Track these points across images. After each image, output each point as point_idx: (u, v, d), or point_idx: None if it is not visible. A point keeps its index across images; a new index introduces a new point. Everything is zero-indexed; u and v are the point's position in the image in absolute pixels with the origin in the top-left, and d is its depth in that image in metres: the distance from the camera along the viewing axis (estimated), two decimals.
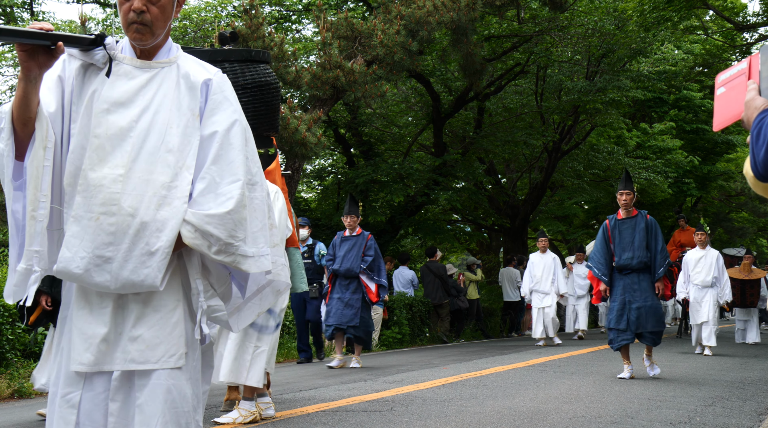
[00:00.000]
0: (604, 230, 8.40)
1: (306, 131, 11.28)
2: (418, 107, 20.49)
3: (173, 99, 2.25)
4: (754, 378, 8.49)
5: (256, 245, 2.25)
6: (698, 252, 11.80)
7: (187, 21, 16.21)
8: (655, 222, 8.34)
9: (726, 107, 1.97)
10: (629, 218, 8.30)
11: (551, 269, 13.70)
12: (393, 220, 18.42)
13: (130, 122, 2.19)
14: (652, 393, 6.99)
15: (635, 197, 8.37)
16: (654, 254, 8.17)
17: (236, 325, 2.44)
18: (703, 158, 25.13)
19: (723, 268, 11.76)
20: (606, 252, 8.28)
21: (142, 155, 2.18)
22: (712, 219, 32.00)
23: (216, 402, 6.42)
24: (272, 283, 2.41)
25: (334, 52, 12.35)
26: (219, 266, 2.28)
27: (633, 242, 8.16)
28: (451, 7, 13.08)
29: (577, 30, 17.87)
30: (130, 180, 2.15)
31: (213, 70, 2.35)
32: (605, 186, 22.36)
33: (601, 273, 8.26)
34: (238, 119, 2.29)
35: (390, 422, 5.32)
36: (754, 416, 5.77)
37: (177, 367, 2.19)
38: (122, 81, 2.22)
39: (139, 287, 2.14)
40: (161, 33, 2.27)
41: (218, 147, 2.23)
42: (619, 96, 19.13)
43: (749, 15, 19.39)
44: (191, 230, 2.16)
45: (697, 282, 11.60)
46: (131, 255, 2.12)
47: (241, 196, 2.20)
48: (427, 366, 9.70)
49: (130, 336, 2.17)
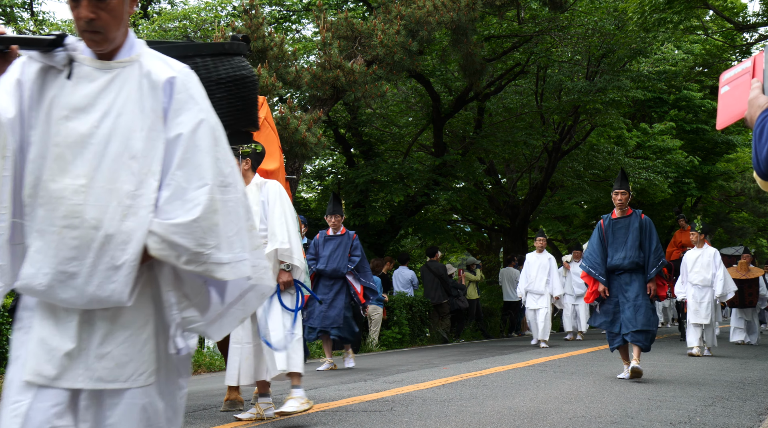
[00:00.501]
0: (599, 230, 8.31)
1: (306, 131, 11.28)
2: (418, 107, 20.49)
3: (136, 101, 2.12)
4: (754, 378, 8.49)
5: (232, 251, 2.12)
6: (695, 252, 11.64)
7: (187, 21, 16.20)
8: (650, 222, 8.22)
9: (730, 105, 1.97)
10: (623, 217, 8.20)
11: (546, 269, 13.56)
12: (393, 220, 18.42)
13: (90, 128, 2.07)
14: (652, 393, 6.99)
15: (630, 197, 8.27)
16: (647, 255, 8.06)
17: (217, 333, 2.30)
18: (703, 158, 25.14)
19: (721, 264, 11.56)
20: (601, 252, 8.18)
21: (104, 162, 2.06)
22: (712, 219, 32.01)
23: (216, 402, 6.42)
24: (255, 287, 2.26)
25: (334, 52, 12.34)
26: (192, 276, 2.16)
27: (626, 242, 8.06)
28: (451, 7, 13.08)
29: (577, 30, 17.86)
30: (92, 190, 2.04)
31: (178, 66, 2.22)
32: (605, 186, 22.35)
33: (599, 273, 8.15)
34: (205, 118, 2.16)
35: (390, 422, 5.32)
36: (754, 416, 5.77)
37: (147, 385, 2.10)
38: (82, 84, 2.11)
39: (106, 302, 2.04)
40: (117, 35, 2.14)
41: (184, 150, 2.10)
42: (619, 96, 19.13)
43: (749, 15, 19.37)
44: (157, 241, 2.04)
45: (696, 282, 11.43)
46: (96, 270, 2.02)
47: (210, 201, 2.08)
48: (427, 366, 9.70)
49: (98, 353, 2.07)
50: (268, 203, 5.49)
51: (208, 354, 10.15)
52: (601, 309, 8.21)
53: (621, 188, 8.19)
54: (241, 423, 5.35)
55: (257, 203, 5.47)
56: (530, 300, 13.64)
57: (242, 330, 5.42)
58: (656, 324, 8.11)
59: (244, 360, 5.40)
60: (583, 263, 8.42)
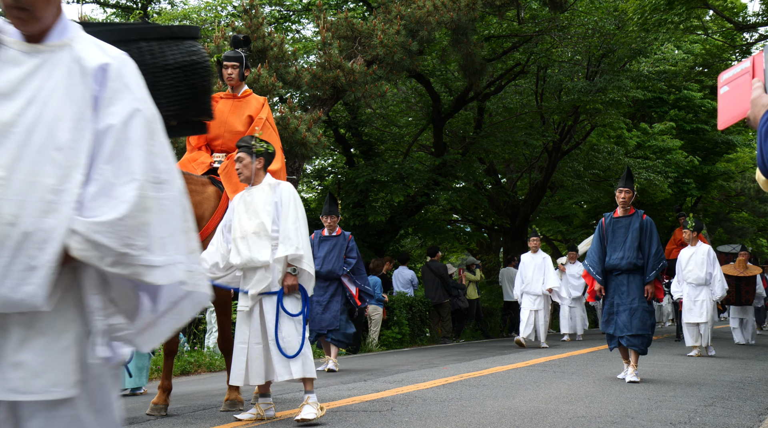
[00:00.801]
0: (600, 228, 8.20)
1: (306, 131, 11.28)
2: (418, 107, 20.49)
3: (64, 88, 1.95)
4: (754, 378, 8.49)
5: (165, 253, 1.95)
6: (689, 250, 11.42)
7: (187, 21, 16.21)
8: (651, 223, 8.06)
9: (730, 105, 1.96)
10: (625, 217, 8.07)
11: (542, 269, 13.36)
12: (393, 220, 18.43)
13: (13, 116, 1.91)
14: (652, 393, 6.99)
15: (634, 196, 8.15)
16: (647, 256, 7.90)
17: (147, 344, 2.11)
18: (703, 158, 25.15)
19: (715, 261, 11.36)
20: (601, 251, 8.07)
21: (26, 153, 1.89)
22: (712, 219, 32.01)
23: (216, 402, 6.42)
24: (191, 294, 2.06)
25: (334, 52, 12.35)
26: (121, 280, 1.96)
27: (625, 242, 7.92)
28: (451, 7, 13.08)
29: (577, 30, 17.87)
30: (11, 183, 1.86)
31: (114, 53, 2.05)
32: (605, 186, 22.38)
33: (596, 272, 8.06)
34: (139, 108, 1.99)
35: (390, 422, 5.32)
36: (754, 416, 5.77)
37: (67, 397, 1.90)
38: (7, 69, 1.94)
39: (21, 306, 1.85)
40: (46, 15, 1.96)
41: (114, 143, 1.94)
42: (619, 96, 19.13)
43: (749, 15, 19.39)
44: (79, 240, 1.86)
45: (690, 280, 11.22)
46: (10, 271, 1.83)
47: (139, 198, 1.91)
48: (427, 366, 9.70)
49: (12, 361, 1.88)
50: (281, 204, 5.42)
51: (208, 354, 10.14)
52: (603, 311, 8.18)
53: (625, 186, 8.08)
54: (241, 423, 5.35)
55: (270, 204, 5.41)
56: (527, 301, 13.37)
57: (249, 330, 5.35)
58: (652, 327, 7.99)
59: (253, 360, 5.32)
60: (586, 261, 8.38)
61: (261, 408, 5.49)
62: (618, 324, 7.83)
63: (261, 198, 5.45)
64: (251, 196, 5.50)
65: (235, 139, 6.13)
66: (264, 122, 6.26)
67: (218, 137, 6.24)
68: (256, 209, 5.42)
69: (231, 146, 6.15)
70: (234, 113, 6.28)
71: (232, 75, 6.29)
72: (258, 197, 5.46)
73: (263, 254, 5.32)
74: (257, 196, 5.48)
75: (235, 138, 6.13)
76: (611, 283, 8.03)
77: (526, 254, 13.76)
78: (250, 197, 5.50)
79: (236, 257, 5.40)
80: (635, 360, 7.94)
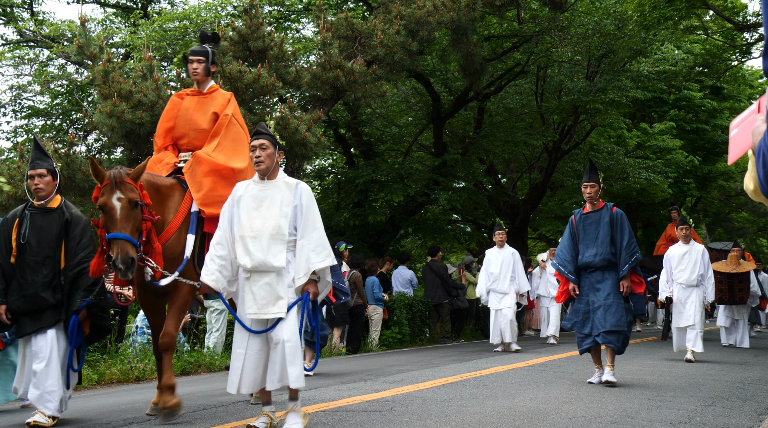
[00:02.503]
0: (570, 226, 7.81)
1: (306, 131, 11.28)
2: (418, 107, 20.50)
3: None
4: (754, 378, 8.49)
5: None
6: (681, 248, 10.62)
7: (187, 21, 16.20)
8: (622, 214, 7.65)
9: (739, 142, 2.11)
10: (594, 211, 7.69)
11: (510, 265, 12.17)
12: (393, 220, 18.43)
13: None
14: (652, 393, 6.99)
15: (601, 190, 7.71)
16: (619, 250, 7.51)
17: None
18: (703, 158, 25.16)
19: (709, 265, 10.64)
20: (572, 249, 7.68)
21: None
22: (712, 219, 32.02)
23: (216, 402, 6.42)
24: None
25: (334, 52, 12.35)
26: None
27: (597, 237, 7.55)
28: (451, 7, 13.08)
29: (577, 30, 17.88)
30: None
31: None
32: (605, 186, 22.39)
33: (568, 271, 7.65)
34: None
35: (390, 422, 5.32)
36: (754, 416, 5.77)
37: None
38: None
39: None
40: None
41: None
42: (619, 96, 19.14)
43: (749, 15, 19.38)
44: None
45: (681, 281, 10.48)
46: None
47: None
48: (427, 366, 9.70)
49: None
50: (302, 207, 4.97)
51: (208, 354, 10.14)
52: (572, 309, 7.73)
53: (590, 180, 7.66)
54: (241, 422, 5.35)
55: (288, 205, 4.96)
56: (493, 300, 12.23)
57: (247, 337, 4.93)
58: (629, 325, 7.54)
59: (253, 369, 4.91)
60: (554, 260, 7.96)
61: (271, 415, 5.07)
62: (594, 322, 7.48)
63: (278, 197, 4.98)
64: (265, 192, 5.01)
65: (200, 137, 5.92)
66: (230, 118, 5.97)
67: (184, 135, 6.00)
68: (271, 209, 4.96)
69: (196, 145, 5.93)
70: (199, 110, 6.00)
71: (197, 70, 6.04)
72: (275, 196, 4.98)
73: (279, 258, 4.87)
74: (274, 194, 4.99)
75: (200, 136, 5.92)
76: (585, 281, 7.64)
77: (491, 250, 12.53)
78: (263, 193, 5.01)
79: (245, 257, 4.92)
80: (611, 358, 7.56)
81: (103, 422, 5.55)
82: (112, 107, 10.21)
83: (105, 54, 10.92)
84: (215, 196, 5.64)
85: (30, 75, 18.83)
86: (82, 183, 10.08)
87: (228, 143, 5.91)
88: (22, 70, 19.14)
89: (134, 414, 5.90)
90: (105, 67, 10.63)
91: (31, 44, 19.12)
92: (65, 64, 18.55)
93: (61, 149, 10.37)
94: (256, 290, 4.90)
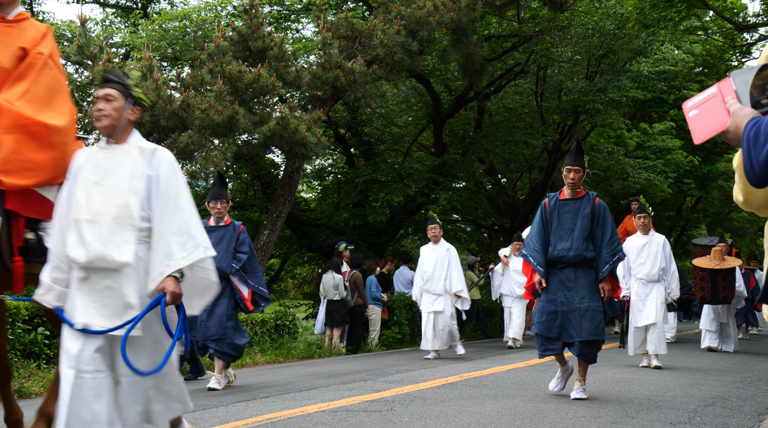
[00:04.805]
0: (542, 211, 6.79)
1: (306, 131, 11.28)
2: (418, 107, 20.51)
3: None
4: (754, 378, 8.49)
5: None
6: (640, 239, 9.52)
7: (187, 21, 16.20)
8: (605, 207, 6.73)
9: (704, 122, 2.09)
10: (573, 199, 6.71)
11: (444, 263, 10.86)
12: (393, 220, 18.43)
13: None
14: (652, 393, 6.99)
15: (585, 175, 6.77)
16: (600, 247, 6.60)
17: None
18: (703, 158, 25.17)
19: (671, 257, 9.59)
20: (543, 238, 6.71)
21: None
22: (712, 219, 32.01)
23: (216, 402, 6.42)
24: None
25: (334, 52, 12.35)
26: None
27: (573, 230, 6.60)
28: (451, 7, 13.08)
29: (577, 30, 17.89)
30: None
31: None
32: (605, 186, 22.40)
33: (537, 263, 6.65)
34: None
35: (390, 422, 5.31)
36: (754, 416, 5.77)
37: None
38: None
39: None
40: None
41: None
42: (619, 96, 19.15)
43: (749, 15, 19.39)
44: None
45: (640, 276, 9.40)
46: None
47: None
48: (427, 366, 9.70)
49: None
50: (159, 180, 3.65)
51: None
52: (538, 308, 6.79)
53: (575, 164, 6.69)
54: (241, 422, 5.35)
55: (140, 177, 3.64)
56: (426, 302, 11.01)
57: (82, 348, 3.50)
58: (604, 332, 6.66)
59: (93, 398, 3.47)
60: (524, 249, 6.90)
61: None
62: (564, 327, 6.54)
63: (127, 167, 3.67)
64: (110, 159, 3.70)
65: None
66: (45, 59, 4.23)
67: None
68: (117, 183, 3.64)
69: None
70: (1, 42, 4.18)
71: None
72: (122, 164, 3.68)
73: (123, 251, 3.54)
74: (121, 162, 3.69)
75: None
76: (554, 278, 6.65)
77: (425, 246, 11.24)
78: (107, 160, 3.70)
79: (77, 249, 3.55)
80: (584, 371, 6.65)
81: None
82: None
83: (105, 54, 10.93)
84: (20, 161, 3.99)
85: None
86: None
87: (40, 90, 4.18)
88: None
89: None
90: (105, 67, 10.63)
91: None
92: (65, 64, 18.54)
93: None
94: (95, 296, 3.56)
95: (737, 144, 1.95)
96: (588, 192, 6.77)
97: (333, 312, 12.55)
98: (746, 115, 1.93)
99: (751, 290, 14.46)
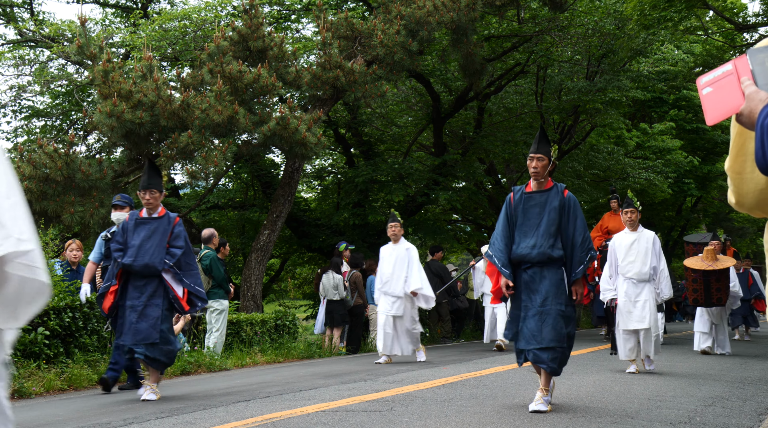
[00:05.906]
0: (507, 206, 6.14)
1: (306, 131, 11.28)
2: (418, 107, 20.52)
3: None
4: (754, 378, 8.49)
5: None
6: (628, 235, 8.77)
7: (187, 21, 16.20)
8: (575, 201, 6.08)
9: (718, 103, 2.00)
10: (539, 192, 6.06)
11: (404, 263, 10.16)
12: None
13: None
14: (652, 393, 6.99)
15: (551, 165, 6.13)
16: (571, 246, 5.95)
17: None
18: (703, 158, 25.18)
19: (661, 255, 8.83)
20: (508, 236, 6.07)
21: None
22: (712, 219, 32.01)
23: (216, 402, 6.42)
24: None
25: (334, 52, 12.35)
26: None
27: (539, 225, 5.95)
28: (451, 7, 13.09)
29: (577, 30, 17.90)
30: None
31: None
32: (605, 186, 22.42)
33: (501, 264, 5.99)
34: None
35: (390, 422, 5.31)
36: (754, 416, 5.77)
37: None
38: None
39: None
40: None
41: None
42: (619, 96, 19.17)
43: (749, 15, 19.39)
44: None
45: (630, 275, 8.69)
46: None
47: None
48: (427, 366, 9.70)
49: None
50: None
51: (208, 354, 10.14)
52: (510, 315, 6.18)
53: (538, 151, 6.05)
54: (241, 422, 5.35)
55: None
56: (384, 304, 10.21)
57: None
58: (570, 339, 5.90)
59: None
60: (489, 249, 6.24)
61: None
62: (524, 333, 5.89)
63: None
64: None
65: None
66: None
67: None
68: None
69: None
70: None
71: None
72: None
73: None
74: None
75: None
76: (519, 279, 6.02)
77: (385, 247, 10.52)
78: None
79: None
80: (545, 381, 5.87)
81: (103, 422, 5.55)
82: (112, 107, 10.21)
83: (105, 54, 10.94)
84: None
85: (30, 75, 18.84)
86: (82, 183, 10.08)
87: None
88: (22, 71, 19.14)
89: (134, 413, 5.90)
90: (105, 67, 10.63)
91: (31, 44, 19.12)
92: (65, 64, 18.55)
93: (61, 149, 10.37)
94: None
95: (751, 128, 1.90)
96: (556, 184, 6.12)
97: (333, 312, 12.55)
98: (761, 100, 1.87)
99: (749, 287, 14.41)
